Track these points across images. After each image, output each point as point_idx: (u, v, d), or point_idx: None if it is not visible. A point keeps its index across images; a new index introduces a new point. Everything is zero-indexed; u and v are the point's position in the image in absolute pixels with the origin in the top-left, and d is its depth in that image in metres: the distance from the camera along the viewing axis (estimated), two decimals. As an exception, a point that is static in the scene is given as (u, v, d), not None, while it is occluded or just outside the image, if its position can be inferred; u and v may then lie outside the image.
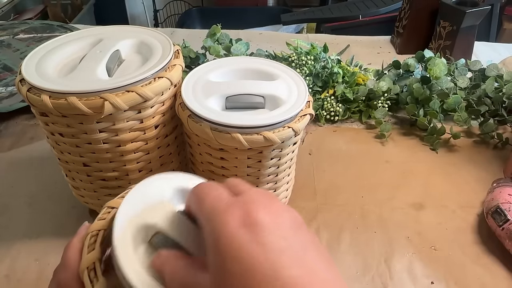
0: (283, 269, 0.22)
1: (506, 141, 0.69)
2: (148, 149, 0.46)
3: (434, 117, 0.70)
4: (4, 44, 0.94)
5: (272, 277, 0.22)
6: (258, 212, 0.24)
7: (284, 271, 0.22)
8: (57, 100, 0.38)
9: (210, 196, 0.27)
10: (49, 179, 0.61)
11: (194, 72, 0.48)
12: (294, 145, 0.47)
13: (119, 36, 0.48)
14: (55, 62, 0.44)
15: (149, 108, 0.43)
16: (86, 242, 0.30)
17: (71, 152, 0.45)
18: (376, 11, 1.38)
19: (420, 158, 0.67)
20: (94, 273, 0.29)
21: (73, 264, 0.30)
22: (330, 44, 0.78)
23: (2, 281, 0.47)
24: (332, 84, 0.74)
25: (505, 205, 0.51)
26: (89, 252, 0.30)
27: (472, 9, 0.84)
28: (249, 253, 0.23)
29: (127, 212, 0.29)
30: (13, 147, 0.68)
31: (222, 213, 0.25)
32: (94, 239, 0.30)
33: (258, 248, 0.23)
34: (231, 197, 0.27)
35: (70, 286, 0.29)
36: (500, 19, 1.60)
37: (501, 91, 0.71)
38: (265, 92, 0.45)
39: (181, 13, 2.30)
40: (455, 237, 0.54)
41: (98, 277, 0.29)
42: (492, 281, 0.49)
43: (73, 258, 0.30)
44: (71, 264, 0.30)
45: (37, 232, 0.53)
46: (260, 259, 0.23)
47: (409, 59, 0.77)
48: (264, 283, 0.22)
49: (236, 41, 0.77)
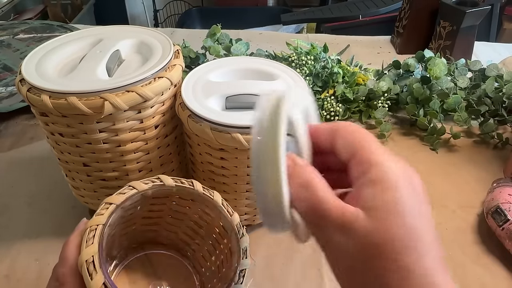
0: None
1: (506, 141, 0.69)
2: (148, 149, 0.46)
3: (434, 117, 0.69)
4: (4, 44, 0.94)
5: None
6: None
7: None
8: (57, 100, 0.38)
9: (373, 144, 0.25)
10: (49, 179, 0.61)
11: (194, 72, 0.48)
12: (294, 145, 0.47)
13: (119, 36, 0.48)
14: (55, 62, 0.44)
15: (149, 108, 0.43)
16: (85, 236, 0.31)
17: (71, 152, 0.45)
18: (376, 11, 1.38)
19: (420, 158, 0.67)
20: (93, 266, 0.29)
21: (71, 258, 0.30)
22: (330, 44, 0.78)
23: (2, 281, 0.47)
24: (332, 84, 0.74)
25: (505, 205, 0.51)
26: (87, 246, 0.30)
27: (472, 9, 0.84)
28: (413, 223, 0.22)
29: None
30: (13, 147, 0.68)
31: (396, 163, 0.24)
32: (93, 233, 0.31)
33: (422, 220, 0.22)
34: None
35: (67, 280, 0.30)
36: (500, 19, 1.60)
37: (501, 91, 0.71)
38: (265, 92, 0.44)
39: (181, 13, 2.30)
40: (455, 237, 0.54)
41: (96, 270, 0.29)
42: (492, 281, 0.49)
43: (71, 253, 0.31)
44: (69, 259, 0.30)
45: (37, 232, 0.53)
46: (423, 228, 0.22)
47: (409, 59, 0.77)
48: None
49: (236, 41, 0.77)
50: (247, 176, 0.46)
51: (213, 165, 0.46)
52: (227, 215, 0.40)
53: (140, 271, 0.44)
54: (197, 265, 0.45)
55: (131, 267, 0.44)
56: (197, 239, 0.45)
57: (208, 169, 0.47)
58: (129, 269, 0.44)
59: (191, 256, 0.46)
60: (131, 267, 0.44)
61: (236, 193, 0.48)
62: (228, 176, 0.46)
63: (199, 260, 0.45)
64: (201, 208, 0.42)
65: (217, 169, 0.46)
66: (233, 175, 0.46)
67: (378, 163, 0.24)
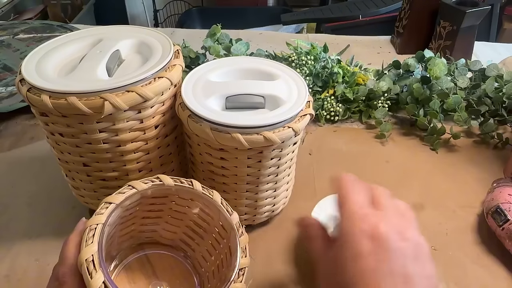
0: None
1: (506, 141, 0.69)
2: (148, 149, 0.46)
3: (434, 117, 0.70)
4: (4, 44, 0.94)
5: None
6: (388, 234, 0.29)
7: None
8: (57, 100, 0.38)
9: (351, 200, 0.31)
10: (49, 179, 0.61)
11: (194, 72, 0.48)
12: (294, 145, 0.47)
13: (119, 36, 0.48)
14: (55, 62, 0.44)
15: (149, 108, 0.43)
16: (85, 235, 0.31)
17: (71, 152, 0.45)
18: (376, 11, 1.38)
19: (420, 158, 0.67)
20: (92, 265, 0.29)
21: (71, 257, 0.30)
22: (330, 44, 0.78)
23: (2, 281, 0.47)
24: (332, 84, 0.74)
25: (505, 205, 0.51)
26: (87, 245, 0.30)
27: (472, 9, 0.84)
28: (363, 263, 0.28)
29: None
30: (13, 147, 0.68)
31: (357, 220, 0.30)
32: (92, 232, 0.31)
33: (371, 263, 0.28)
34: (370, 208, 0.31)
35: (67, 279, 0.30)
36: (500, 19, 1.60)
37: (501, 91, 0.71)
38: (265, 92, 0.45)
39: (181, 13, 2.30)
40: (455, 237, 0.54)
41: (96, 269, 0.29)
42: (492, 281, 0.49)
43: (71, 252, 0.31)
44: (69, 258, 0.30)
45: (37, 232, 0.53)
46: (366, 271, 0.28)
47: (409, 59, 0.77)
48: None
49: (236, 41, 0.77)
50: (247, 176, 0.46)
51: (213, 165, 0.46)
52: (227, 214, 0.40)
53: (139, 271, 0.44)
54: (196, 264, 0.45)
55: (131, 267, 0.44)
56: (197, 239, 0.45)
57: (208, 169, 0.47)
58: (129, 269, 0.44)
59: (190, 256, 0.46)
60: (131, 267, 0.44)
61: (236, 193, 0.48)
62: (228, 176, 0.46)
63: (198, 260, 0.45)
64: (201, 207, 0.42)
65: (217, 169, 0.46)
66: (233, 175, 0.46)
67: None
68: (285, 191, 0.52)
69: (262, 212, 0.52)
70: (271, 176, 0.47)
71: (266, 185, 0.48)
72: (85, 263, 0.29)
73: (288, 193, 0.54)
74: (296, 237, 0.53)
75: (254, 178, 0.46)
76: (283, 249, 0.52)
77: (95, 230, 0.31)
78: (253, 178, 0.46)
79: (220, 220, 0.41)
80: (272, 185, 0.49)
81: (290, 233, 0.54)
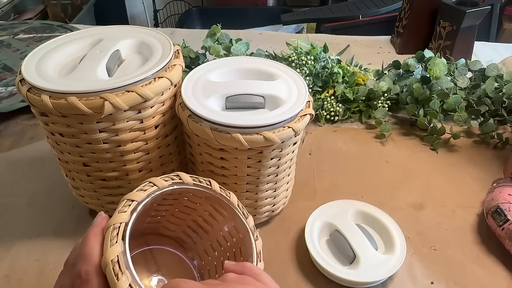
0: None
1: (506, 141, 0.69)
2: (148, 149, 0.46)
3: (434, 117, 0.70)
4: (4, 44, 0.94)
5: None
6: None
7: None
8: (57, 100, 0.38)
9: None
10: (49, 179, 0.61)
11: (194, 72, 0.48)
12: (294, 145, 0.47)
13: (119, 36, 0.48)
14: (55, 62, 0.44)
15: (149, 108, 0.43)
16: (108, 235, 0.29)
17: (71, 152, 0.45)
18: (376, 11, 1.38)
19: (420, 158, 0.67)
20: (118, 266, 0.28)
21: (95, 256, 0.29)
22: (330, 44, 0.78)
23: (2, 281, 0.47)
24: (332, 84, 0.74)
25: (505, 205, 0.51)
26: (112, 245, 0.29)
27: (472, 9, 0.84)
28: None
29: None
30: (13, 147, 0.68)
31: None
32: (116, 231, 0.30)
33: None
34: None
35: (92, 278, 0.28)
36: (500, 19, 1.60)
37: (501, 91, 0.71)
38: (265, 92, 0.45)
39: (181, 13, 2.29)
40: (455, 237, 0.54)
41: (122, 270, 0.28)
42: (492, 281, 0.49)
43: (95, 249, 0.29)
44: (93, 256, 0.29)
45: (37, 232, 0.53)
46: None
47: (409, 59, 0.77)
48: None
49: (236, 41, 0.77)
50: (247, 176, 0.46)
51: (213, 165, 0.46)
52: (242, 217, 0.40)
53: (140, 265, 0.43)
54: (196, 257, 0.45)
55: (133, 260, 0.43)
56: (200, 233, 0.44)
57: (208, 169, 0.47)
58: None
59: (190, 247, 0.45)
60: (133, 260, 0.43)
61: (236, 193, 0.48)
62: (228, 176, 0.46)
63: (199, 253, 0.45)
64: (215, 206, 0.42)
65: (217, 169, 0.46)
66: (233, 175, 0.46)
67: None
68: (285, 191, 0.52)
69: (262, 212, 0.52)
70: (271, 176, 0.47)
71: (266, 185, 0.48)
72: (110, 264, 0.28)
73: (288, 193, 0.54)
74: (296, 237, 0.53)
75: (254, 178, 0.46)
76: (282, 250, 0.52)
77: (118, 229, 0.30)
78: (253, 178, 0.46)
79: (233, 220, 0.41)
80: (272, 185, 0.49)
81: (290, 233, 0.54)
